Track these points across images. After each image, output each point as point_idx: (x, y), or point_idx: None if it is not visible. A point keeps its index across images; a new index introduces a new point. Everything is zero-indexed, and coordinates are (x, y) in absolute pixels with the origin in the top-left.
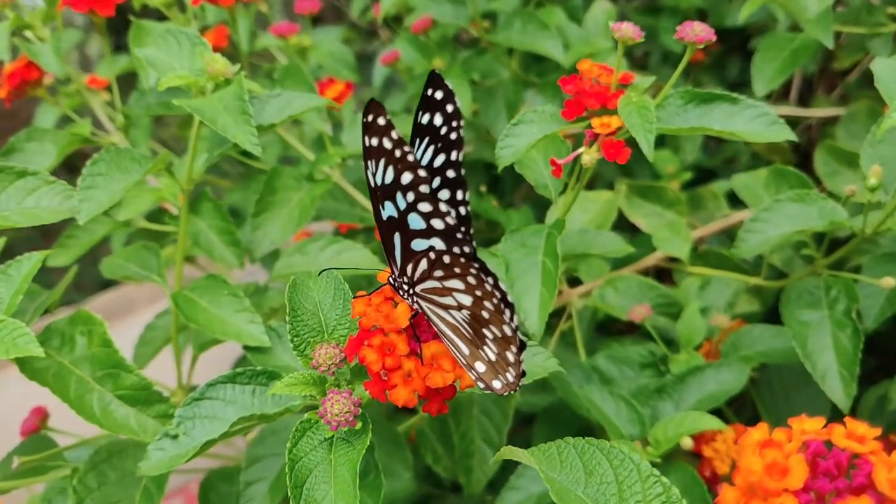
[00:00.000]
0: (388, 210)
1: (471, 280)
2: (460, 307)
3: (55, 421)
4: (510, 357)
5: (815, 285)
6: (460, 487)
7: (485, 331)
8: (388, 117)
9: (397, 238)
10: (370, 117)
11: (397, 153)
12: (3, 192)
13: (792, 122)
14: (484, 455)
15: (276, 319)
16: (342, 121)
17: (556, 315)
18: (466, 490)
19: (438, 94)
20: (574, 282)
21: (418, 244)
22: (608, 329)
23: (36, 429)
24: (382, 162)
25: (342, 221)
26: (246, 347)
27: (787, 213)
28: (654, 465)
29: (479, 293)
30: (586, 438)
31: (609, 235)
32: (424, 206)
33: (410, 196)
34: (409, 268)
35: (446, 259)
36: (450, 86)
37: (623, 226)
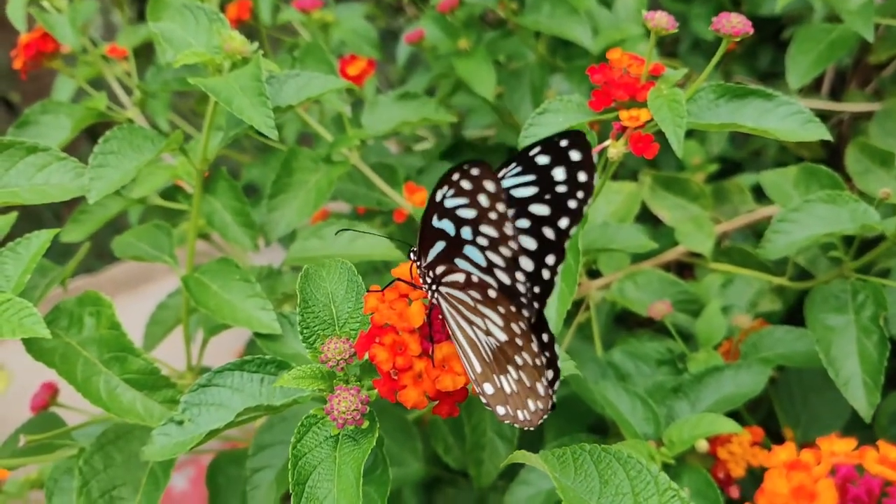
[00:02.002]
0: (444, 224)
1: (504, 314)
2: (488, 333)
3: (65, 396)
4: (540, 389)
5: (841, 289)
6: None
7: (509, 364)
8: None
9: (440, 244)
10: (477, 171)
11: (493, 215)
12: (14, 168)
13: (823, 115)
14: (495, 448)
15: (290, 305)
16: (364, 98)
17: (574, 305)
18: (476, 483)
19: (575, 155)
20: (593, 273)
21: (462, 264)
22: (626, 321)
23: (45, 404)
24: (467, 201)
25: (359, 205)
26: (256, 334)
27: (816, 214)
28: (667, 466)
29: (515, 329)
30: (602, 446)
31: (631, 230)
32: (494, 258)
33: (483, 241)
34: (440, 268)
35: (491, 293)
36: (594, 158)
37: (646, 216)
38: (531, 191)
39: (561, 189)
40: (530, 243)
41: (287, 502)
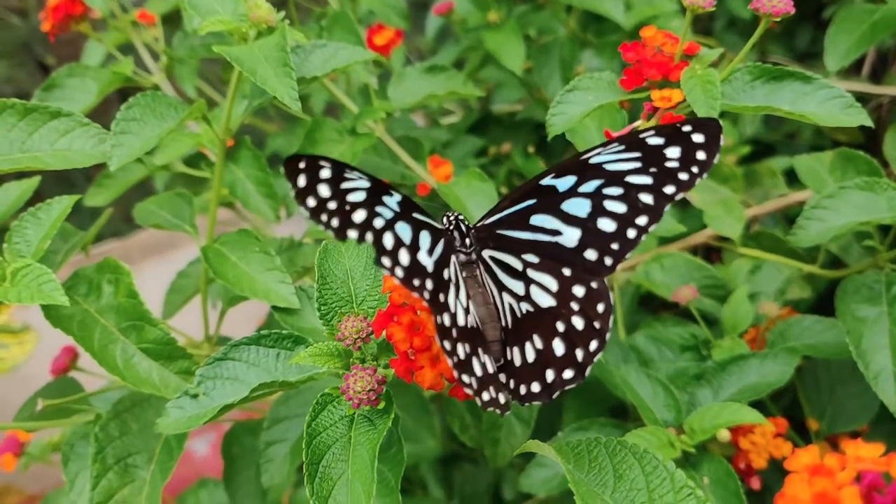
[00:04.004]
0: None
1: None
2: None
3: (84, 361)
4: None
5: (875, 279)
6: None
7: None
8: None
9: None
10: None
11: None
12: (37, 132)
13: (862, 98)
14: (512, 428)
15: (310, 278)
16: (392, 69)
17: None
18: (491, 463)
19: (698, 137)
20: None
21: None
22: (650, 303)
23: (66, 368)
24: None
25: (383, 178)
26: (274, 307)
27: (852, 201)
28: (687, 454)
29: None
30: (618, 440)
31: None
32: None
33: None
34: None
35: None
36: (720, 141)
37: None
38: (631, 165)
39: (671, 164)
40: (619, 208)
41: (301, 474)
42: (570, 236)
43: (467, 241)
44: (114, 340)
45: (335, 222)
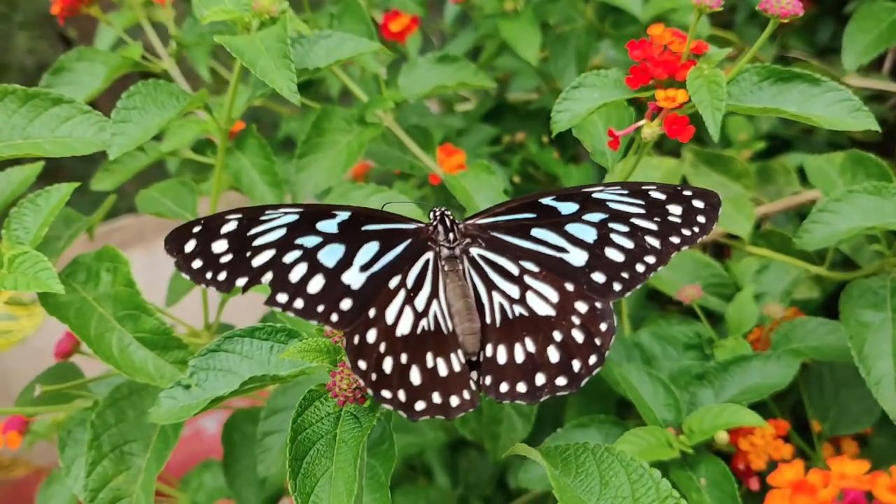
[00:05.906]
0: None
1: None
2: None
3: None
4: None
5: (880, 284)
6: None
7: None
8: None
9: None
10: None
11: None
12: (38, 119)
13: (881, 96)
14: (512, 422)
15: None
16: (407, 55)
17: None
18: (492, 456)
19: (697, 203)
20: None
21: None
22: (658, 298)
23: (69, 352)
24: None
25: (392, 168)
26: None
27: (860, 205)
28: (685, 455)
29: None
30: (606, 446)
31: None
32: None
33: None
34: None
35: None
36: (719, 210)
37: None
38: (636, 210)
39: (674, 219)
40: (627, 243)
41: None
42: (577, 256)
43: (451, 235)
44: (110, 329)
45: (222, 276)
